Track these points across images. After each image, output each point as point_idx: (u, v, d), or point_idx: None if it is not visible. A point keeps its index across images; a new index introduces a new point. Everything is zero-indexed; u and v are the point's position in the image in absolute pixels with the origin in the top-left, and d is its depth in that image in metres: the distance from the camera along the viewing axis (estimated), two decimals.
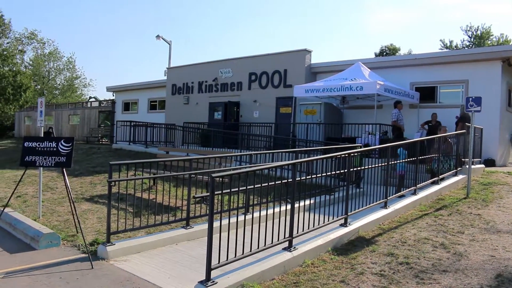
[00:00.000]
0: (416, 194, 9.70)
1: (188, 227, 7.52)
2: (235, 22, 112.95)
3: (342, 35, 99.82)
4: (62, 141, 7.32)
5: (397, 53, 43.91)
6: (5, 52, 30.37)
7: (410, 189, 9.78)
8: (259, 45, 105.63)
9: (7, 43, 31.82)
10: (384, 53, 44.35)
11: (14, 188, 7.94)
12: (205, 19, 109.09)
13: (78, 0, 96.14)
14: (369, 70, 16.81)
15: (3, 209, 7.71)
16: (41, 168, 8.90)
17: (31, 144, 7.34)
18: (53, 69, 57.20)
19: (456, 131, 13.06)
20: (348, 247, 6.87)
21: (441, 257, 6.24)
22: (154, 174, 10.07)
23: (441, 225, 7.81)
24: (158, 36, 30.76)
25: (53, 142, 7.33)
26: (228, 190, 5.49)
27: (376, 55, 44.08)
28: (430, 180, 10.65)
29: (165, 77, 27.30)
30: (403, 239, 7.09)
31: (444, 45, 43.72)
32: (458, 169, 12.01)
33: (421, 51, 58.05)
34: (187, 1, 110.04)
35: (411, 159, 9.93)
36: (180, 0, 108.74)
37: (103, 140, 31.81)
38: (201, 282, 4.98)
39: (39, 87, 53.41)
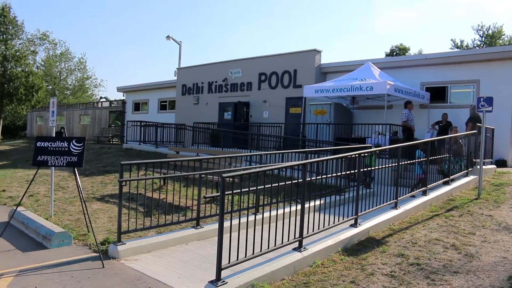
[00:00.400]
0: (426, 195, 9.66)
1: (198, 227, 7.55)
2: (244, 22, 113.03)
3: (351, 35, 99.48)
4: (73, 141, 7.38)
5: (407, 53, 43.66)
6: (18, 53, 30.62)
7: (420, 189, 9.73)
8: (268, 46, 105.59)
9: (20, 44, 32.08)
10: (394, 53, 44.12)
11: (27, 188, 8.02)
12: (215, 19, 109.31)
13: (89, 1, 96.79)
14: (379, 70, 16.74)
15: (16, 208, 7.79)
16: (53, 167, 8.99)
17: (43, 144, 7.40)
18: (64, 70, 57.67)
19: (466, 131, 12.97)
20: (358, 248, 6.85)
21: (452, 258, 6.21)
22: (164, 174, 10.11)
23: (452, 226, 7.76)
24: (168, 37, 30.88)
25: (65, 142, 7.38)
26: (239, 190, 5.50)
27: (386, 55, 43.88)
28: (441, 181, 10.59)
29: (175, 78, 27.39)
30: (414, 240, 7.06)
31: (454, 44, 43.38)
32: (469, 169, 11.93)
33: (431, 51, 57.83)
34: (197, 1, 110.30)
35: (422, 159, 9.88)
36: (190, 1, 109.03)
37: (114, 140, 31.98)
38: (211, 282, 5.00)
39: (50, 87, 53.84)
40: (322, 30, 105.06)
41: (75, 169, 7.61)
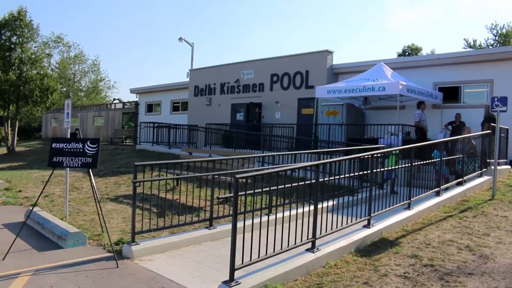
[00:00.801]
0: (439, 196, 9.60)
1: (211, 228, 7.59)
2: (255, 23, 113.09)
3: (363, 35, 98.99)
4: (88, 142, 7.45)
5: (419, 53, 43.34)
6: (33, 56, 30.99)
7: (433, 190, 9.67)
8: (279, 47, 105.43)
9: (35, 47, 32.46)
10: (406, 53, 43.82)
11: (42, 188, 8.12)
12: (227, 20, 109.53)
13: (102, 3, 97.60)
14: (391, 70, 16.67)
15: (32, 209, 7.90)
16: (68, 168, 9.10)
17: (59, 145, 7.48)
18: (78, 72, 58.25)
19: (483, 131, 12.86)
20: (371, 249, 6.84)
21: (467, 260, 6.17)
22: (177, 175, 10.17)
23: (466, 227, 7.72)
24: (180, 39, 31.02)
25: (80, 143, 7.46)
26: (252, 191, 5.53)
27: (398, 55, 43.61)
28: (454, 181, 10.52)
29: (188, 79, 27.52)
30: (427, 241, 7.03)
31: (467, 44, 42.92)
32: (483, 170, 11.83)
33: (444, 51, 57.33)
34: (209, 3, 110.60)
35: (435, 160, 9.82)
36: (202, 2, 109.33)
37: (127, 141, 32.21)
38: (224, 282, 5.03)
39: (65, 89, 54.41)
40: (334, 31, 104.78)
41: (90, 170, 7.69)
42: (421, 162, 9.51)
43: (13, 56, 29.96)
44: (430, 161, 9.74)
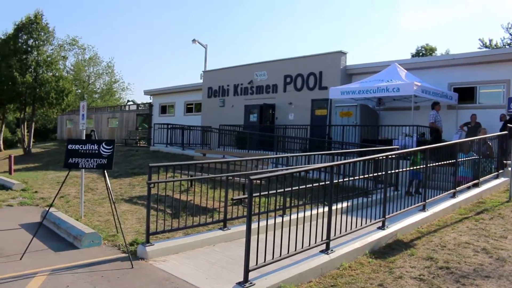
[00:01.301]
0: (455, 197, 9.50)
1: (225, 229, 7.60)
2: (268, 24, 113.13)
3: (376, 36, 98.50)
4: (103, 144, 7.51)
5: (433, 53, 43.00)
6: (49, 59, 31.41)
7: (449, 192, 9.58)
8: (292, 47, 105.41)
9: (51, 49, 32.89)
10: (420, 54, 43.49)
11: (58, 189, 8.20)
12: (240, 21, 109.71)
13: (116, 6, 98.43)
14: (405, 71, 16.55)
15: (48, 209, 7.98)
16: (83, 169, 9.18)
17: (75, 147, 7.55)
18: (93, 74, 58.91)
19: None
20: (386, 251, 6.79)
21: (483, 262, 6.10)
22: (191, 176, 10.22)
23: (482, 229, 7.62)
24: (194, 40, 31.14)
25: (95, 144, 7.53)
26: (266, 192, 5.53)
27: (412, 56, 43.29)
28: (470, 183, 10.41)
29: (201, 80, 27.61)
30: (443, 243, 6.96)
31: (483, 44, 42.40)
32: (500, 171, 11.68)
33: (459, 51, 56.76)
34: (223, 4, 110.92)
35: (450, 161, 9.72)
36: (215, 4, 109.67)
37: (141, 143, 32.43)
38: (239, 283, 5.03)
39: (79, 91, 55.05)
40: (347, 32, 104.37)
41: (105, 171, 7.75)
42: (438, 163, 9.42)
43: (29, 59, 30.42)
44: (447, 162, 9.64)
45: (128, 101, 60.29)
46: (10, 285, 5.42)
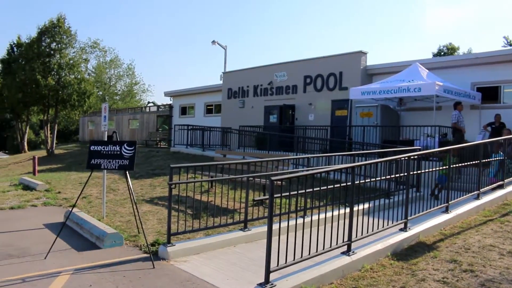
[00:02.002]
0: (479, 199, 9.34)
1: (246, 230, 7.60)
2: (287, 24, 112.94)
3: (397, 35, 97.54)
4: (125, 145, 7.57)
5: (456, 53, 42.38)
6: (71, 61, 31.91)
7: (472, 193, 9.42)
8: (311, 48, 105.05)
9: (73, 52, 33.42)
10: (442, 53, 42.92)
11: (81, 190, 8.31)
12: (259, 22, 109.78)
13: (136, 9, 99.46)
14: (427, 70, 16.34)
15: (71, 210, 8.09)
16: (105, 170, 9.29)
17: (97, 148, 7.64)
18: (114, 76, 59.60)
19: None
20: (408, 253, 6.71)
21: (509, 266, 5.97)
22: (212, 177, 10.25)
23: (508, 232, 7.47)
24: (213, 42, 31.30)
25: (117, 145, 7.60)
26: (287, 193, 5.51)
27: (434, 55, 42.76)
28: (495, 184, 10.22)
29: (221, 82, 27.72)
30: (467, 245, 6.84)
31: (508, 42, 41.66)
32: None
33: (482, 50, 55.73)
34: (242, 5, 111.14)
35: (474, 162, 9.56)
36: (235, 5, 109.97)
37: (161, 144, 32.68)
38: (260, 284, 5.02)
39: (101, 93, 55.77)
40: (367, 31, 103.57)
41: (127, 172, 7.82)
42: (465, 164, 9.27)
43: (52, 62, 30.94)
44: (472, 162, 9.48)
45: (149, 102, 60.94)
46: (36, 283, 5.52)
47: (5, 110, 38.50)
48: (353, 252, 6.15)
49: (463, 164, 9.23)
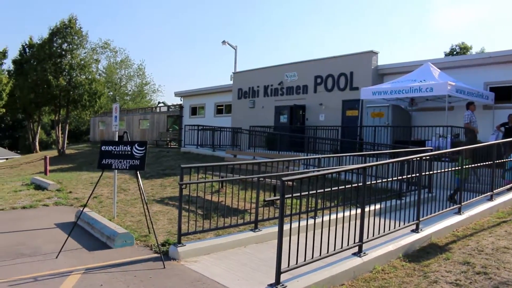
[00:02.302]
0: (492, 200, 9.23)
1: (257, 230, 7.58)
2: (297, 25, 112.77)
3: (408, 35, 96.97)
4: (136, 145, 7.58)
5: (468, 52, 41.99)
6: (82, 62, 32.14)
7: (485, 194, 9.31)
8: (322, 48, 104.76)
9: (84, 53, 33.65)
10: (455, 53, 42.57)
11: (92, 190, 8.35)
12: (269, 21, 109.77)
13: (146, 9, 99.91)
14: (439, 70, 16.21)
15: (82, 209, 8.13)
16: (116, 170, 9.31)
17: (108, 148, 7.66)
18: (124, 76, 59.92)
19: None
20: (420, 254, 6.64)
21: None
22: (222, 177, 10.24)
23: None
24: (224, 42, 31.32)
25: (128, 146, 7.61)
26: (298, 194, 5.48)
27: (446, 55, 42.42)
28: (508, 185, 10.10)
29: (231, 82, 27.74)
30: (480, 247, 6.76)
31: None
32: None
33: (495, 49, 55.19)
34: (252, 6, 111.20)
35: (487, 163, 9.46)
36: (245, 5, 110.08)
37: (172, 144, 32.77)
38: (270, 285, 5.00)
39: (111, 93, 56.09)
40: (378, 31, 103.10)
41: (137, 172, 7.83)
42: (479, 165, 9.17)
43: (63, 62, 31.17)
44: (485, 163, 9.38)
45: (159, 102, 61.14)
46: (47, 283, 5.54)
47: (17, 111, 38.91)
48: (364, 253, 6.10)
49: (476, 165, 9.12)
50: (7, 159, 43.05)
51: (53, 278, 5.72)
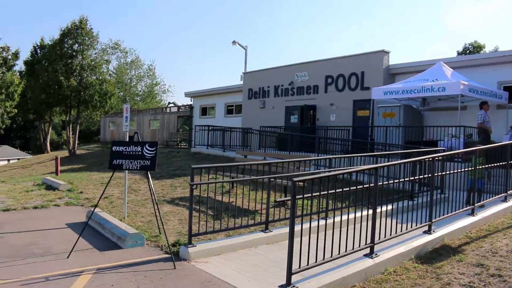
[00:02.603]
0: (507, 201, 9.11)
1: (267, 231, 7.54)
2: (307, 24, 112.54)
3: (420, 34, 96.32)
4: (146, 145, 7.58)
5: (481, 51, 41.56)
6: (93, 63, 32.33)
7: (500, 195, 9.19)
8: (333, 47, 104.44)
9: (95, 54, 33.85)
10: (467, 52, 42.18)
11: (103, 190, 8.37)
12: (279, 21, 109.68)
13: (157, 10, 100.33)
14: (451, 70, 16.04)
15: (93, 210, 8.14)
16: (126, 171, 9.32)
17: (118, 148, 7.67)
18: (134, 77, 60.14)
19: None
20: (432, 256, 6.56)
21: None
22: (233, 178, 10.21)
23: None
24: (234, 42, 31.30)
25: (139, 146, 7.61)
26: (309, 195, 5.44)
27: (458, 54, 42.05)
28: None
29: (241, 82, 27.71)
30: (494, 249, 6.66)
31: None
32: None
33: (509, 48, 54.62)
34: (262, 6, 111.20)
35: (500, 163, 9.33)
36: (255, 5, 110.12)
37: (182, 144, 32.82)
38: (281, 286, 4.96)
39: (122, 94, 56.34)
40: (389, 30, 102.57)
41: (148, 172, 7.83)
42: (493, 165, 9.05)
43: (74, 63, 31.38)
44: (497, 164, 9.25)
45: (169, 103, 61.30)
46: (58, 282, 5.55)
47: (28, 111, 39.21)
48: (376, 254, 6.04)
49: (489, 165, 9.01)
50: (18, 159, 43.51)
51: (64, 278, 5.73)
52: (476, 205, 8.34)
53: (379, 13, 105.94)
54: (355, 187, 6.33)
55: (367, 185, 6.45)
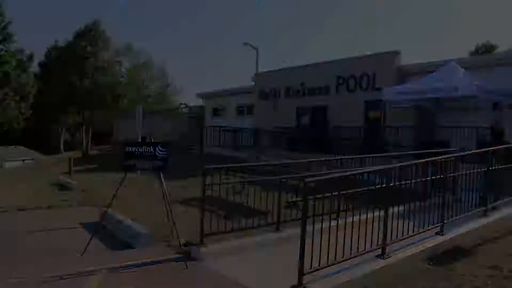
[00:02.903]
0: None
1: (279, 231, 7.56)
2: (318, 24, 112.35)
3: (431, 34, 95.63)
4: (159, 146, 7.64)
5: (495, 51, 41.13)
6: (106, 64, 32.61)
7: None
8: (344, 48, 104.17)
9: (108, 56, 34.13)
10: (480, 52, 41.76)
11: (116, 191, 8.44)
12: (290, 21, 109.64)
13: (168, 10, 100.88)
14: (464, 70, 15.89)
15: (106, 210, 8.22)
16: (139, 171, 9.39)
17: (131, 149, 7.73)
18: (146, 78, 60.32)
19: None
20: (445, 257, 6.51)
21: None
22: (244, 178, 10.21)
23: None
24: (245, 43, 31.32)
25: (151, 146, 7.67)
26: (321, 195, 5.45)
27: (471, 54, 41.64)
28: None
29: (253, 83, 27.70)
30: (508, 250, 6.60)
31: None
32: None
33: None
34: (273, 7, 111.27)
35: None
36: (265, 6, 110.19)
37: (193, 145, 32.84)
38: (293, 286, 4.99)
39: (134, 95, 56.57)
40: (401, 30, 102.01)
41: (161, 173, 7.88)
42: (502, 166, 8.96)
43: (87, 65, 31.66)
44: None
45: (181, 104, 61.36)
46: (72, 281, 5.63)
47: (42, 112, 39.60)
48: (388, 255, 6.03)
49: (503, 166, 8.92)
50: (32, 159, 43.94)
51: (78, 277, 5.80)
52: (489, 206, 8.26)
53: (392, 13, 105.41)
54: (366, 188, 6.32)
55: (379, 186, 6.44)
